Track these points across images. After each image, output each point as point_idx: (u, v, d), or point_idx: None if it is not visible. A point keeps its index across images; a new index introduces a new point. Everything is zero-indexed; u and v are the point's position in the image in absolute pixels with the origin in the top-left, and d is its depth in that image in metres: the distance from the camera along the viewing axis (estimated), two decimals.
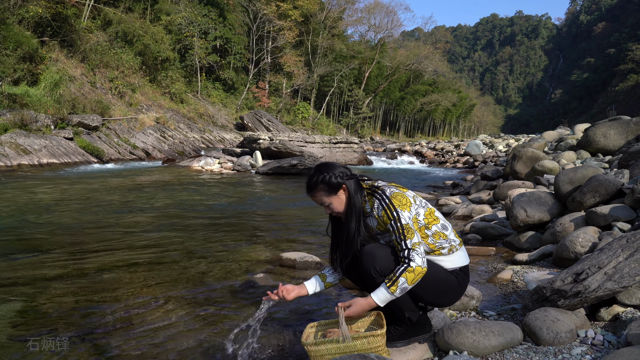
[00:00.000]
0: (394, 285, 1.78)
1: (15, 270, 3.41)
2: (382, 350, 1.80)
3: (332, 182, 1.92)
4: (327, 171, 1.94)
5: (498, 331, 1.91)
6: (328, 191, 1.93)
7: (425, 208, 1.94)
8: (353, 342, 1.75)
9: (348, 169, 1.99)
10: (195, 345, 2.26)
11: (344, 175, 1.95)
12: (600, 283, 1.97)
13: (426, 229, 1.90)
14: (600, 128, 7.80)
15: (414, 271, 1.78)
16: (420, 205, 1.93)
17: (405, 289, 1.79)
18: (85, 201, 6.95)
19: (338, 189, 1.93)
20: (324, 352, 1.77)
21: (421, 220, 1.90)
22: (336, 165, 1.98)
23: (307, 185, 1.98)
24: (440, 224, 1.94)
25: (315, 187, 1.94)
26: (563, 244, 3.23)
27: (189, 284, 3.19)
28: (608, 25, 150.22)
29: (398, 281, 1.78)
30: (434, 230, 1.91)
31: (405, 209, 1.84)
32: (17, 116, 13.56)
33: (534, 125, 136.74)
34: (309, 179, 1.98)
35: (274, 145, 14.72)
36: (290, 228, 5.44)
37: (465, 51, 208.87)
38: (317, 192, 1.95)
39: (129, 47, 23.73)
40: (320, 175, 1.94)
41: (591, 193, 3.78)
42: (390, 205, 1.84)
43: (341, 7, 48.10)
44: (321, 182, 1.93)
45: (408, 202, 1.88)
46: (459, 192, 8.96)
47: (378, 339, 1.76)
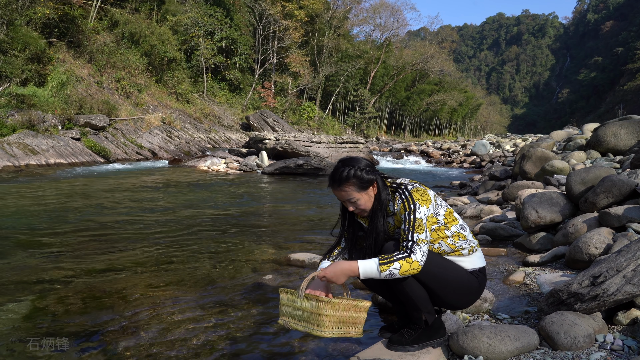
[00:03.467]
0: (386, 265, 1.69)
1: (21, 270, 3.41)
2: (328, 320, 1.70)
3: (365, 177, 1.80)
4: (356, 165, 1.82)
5: (514, 335, 1.86)
6: (359, 186, 1.81)
7: (445, 209, 1.90)
8: (303, 299, 1.74)
9: (373, 164, 1.90)
10: (204, 347, 2.23)
11: (373, 171, 1.85)
12: (619, 286, 1.92)
13: (446, 229, 1.86)
14: (610, 127, 7.69)
15: (411, 264, 1.70)
16: (440, 205, 1.88)
17: (392, 275, 1.70)
18: (91, 201, 6.97)
19: (370, 184, 1.82)
20: (284, 300, 1.83)
21: (441, 220, 1.85)
22: (362, 160, 1.85)
23: (335, 178, 1.83)
24: (459, 225, 1.90)
25: (347, 181, 1.80)
26: (576, 245, 3.18)
27: (197, 285, 3.17)
28: (616, 23, 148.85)
29: (392, 264, 1.69)
30: (453, 231, 1.87)
31: (424, 205, 1.78)
32: (25, 117, 13.65)
33: (541, 125, 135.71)
34: (335, 172, 1.84)
35: (280, 145, 14.70)
36: (298, 228, 5.41)
37: (471, 50, 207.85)
38: (347, 186, 1.81)
39: (135, 47, 23.82)
40: (352, 168, 1.80)
41: (604, 194, 3.71)
42: (410, 198, 1.78)
43: (347, 7, 48.04)
44: (353, 176, 1.79)
45: (429, 199, 1.82)
46: (466, 193, 8.89)
47: (327, 306, 1.69)
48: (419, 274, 1.77)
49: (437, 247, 1.87)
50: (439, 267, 1.83)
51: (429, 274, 1.81)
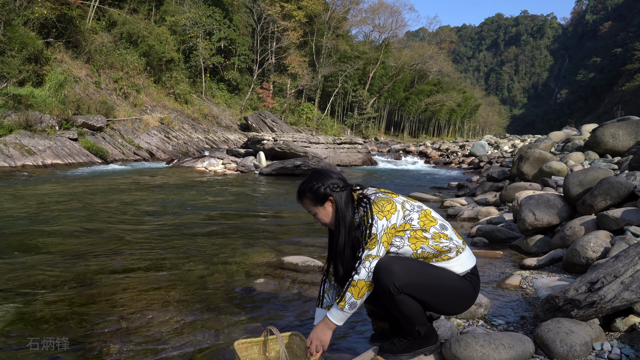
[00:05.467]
0: (342, 301, 1.77)
1: (14, 272, 3.36)
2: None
3: (319, 192, 1.87)
4: (318, 180, 1.89)
5: (508, 344, 1.81)
6: (314, 201, 1.89)
7: (420, 212, 1.85)
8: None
9: (343, 179, 1.91)
10: (195, 351, 2.18)
11: (335, 186, 1.87)
12: (617, 293, 1.88)
13: (423, 231, 1.81)
14: (608, 128, 7.66)
15: (357, 285, 1.74)
16: (412, 210, 1.84)
17: (354, 304, 1.76)
18: (87, 203, 6.91)
19: (324, 200, 1.88)
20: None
21: (415, 225, 1.81)
22: (331, 175, 1.90)
23: (298, 191, 1.95)
24: (438, 225, 1.84)
25: (303, 195, 1.92)
26: (574, 248, 3.13)
27: (190, 287, 3.12)
28: (614, 24, 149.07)
29: (345, 296, 1.76)
30: (432, 232, 1.82)
31: (384, 217, 1.76)
32: (22, 117, 13.58)
33: (540, 126, 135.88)
34: (299, 185, 1.95)
35: (278, 146, 14.65)
36: (293, 230, 5.36)
37: (470, 51, 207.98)
38: (304, 199, 1.93)
39: (133, 48, 23.75)
40: (309, 183, 1.90)
41: (602, 196, 3.67)
42: (369, 211, 1.79)
43: (345, 8, 48.00)
44: (308, 190, 1.89)
45: (392, 208, 1.79)
46: (464, 194, 8.84)
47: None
48: (412, 290, 1.74)
49: (421, 251, 1.81)
50: (431, 279, 1.78)
51: (423, 289, 1.76)
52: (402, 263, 1.76)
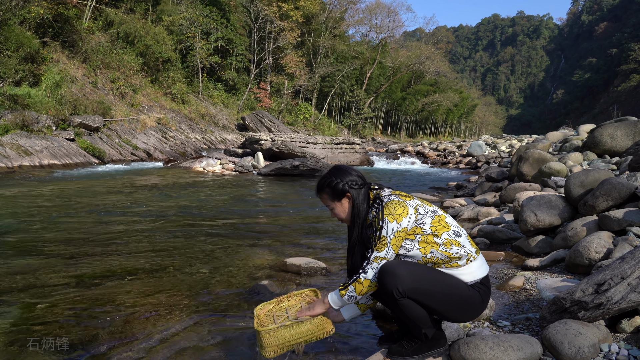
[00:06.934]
0: (344, 290, 1.85)
1: (14, 274, 3.33)
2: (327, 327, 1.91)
3: (337, 188, 1.93)
4: (337, 176, 1.95)
5: (517, 346, 1.81)
6: (332, 196, 1.96)
7: (433, 217, 1.84)
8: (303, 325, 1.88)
9: (362, 177, 1.97)
10: (198, 354, 2.17)
11: (354, 183, 1.93)
12: (624, 294, 1.88)
13: (434, 236, 1.81)
14: (607, 129, 7.69)
15: (362, 283, 1.81)
16: (426, 214, 1.84)
17: (354, 297, 1.84)
18: (85, 204, 6.88)
19: (342, 196, 1.94)
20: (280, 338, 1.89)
21: (427, 229, 1.81)
22: (350, 172, 1.97)
23: (317, 185, 2.02)
24: (451, 231, 1.84)
25: (322, 190, 1.99)
26: (576, 249, 3.14)
27: (192, 290, 3.11)
28: (610, 25, 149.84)
29: (348, 288, 1.84)
30: (444, 238, 1.81)
31: (395, 220, 1.78)
32: (18, 117, 13.49)
33: (536, 126, 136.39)
34: (319, 180, 2.01)
35: (276, 146, 14.63)
36: (294, 231, 5.35)
37: (466, 51, 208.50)
38: (322, 194, 1.99)
39: (130, 47, 23.66)
40: (329, 179, 1.96)
41: (604, 197, 3.68)
42: (381, 214, 1.82)
43: (343, 8, 48.03)
44: (327, 185, 1.96)
45: (404, 212, 1.80)
46: (463, 194, 8.85)
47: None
48: (416, 295, 1.75)
49: (430, 256, 1.81)
50: (436, 286, 1.78)
51: (426, 295, 1.76)
52: (408, 267, 1.76)
